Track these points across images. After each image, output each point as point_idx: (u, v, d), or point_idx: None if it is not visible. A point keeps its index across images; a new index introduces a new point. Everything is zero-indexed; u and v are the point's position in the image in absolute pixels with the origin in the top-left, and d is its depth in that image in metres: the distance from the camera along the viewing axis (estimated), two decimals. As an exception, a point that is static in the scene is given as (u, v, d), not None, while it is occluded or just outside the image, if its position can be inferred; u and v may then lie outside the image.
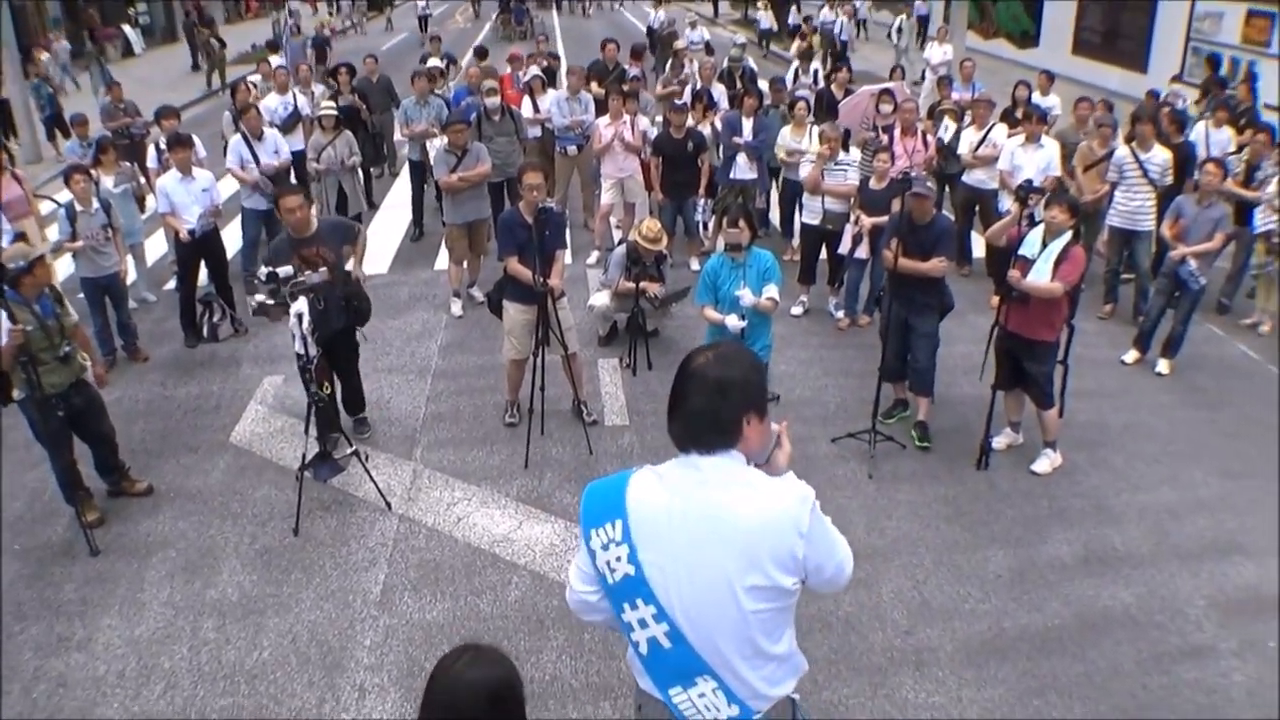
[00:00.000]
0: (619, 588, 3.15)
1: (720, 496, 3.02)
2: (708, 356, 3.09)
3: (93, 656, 6.32)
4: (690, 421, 3.06)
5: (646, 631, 3.15)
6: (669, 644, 3.13)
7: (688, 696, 3.17)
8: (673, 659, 3.14)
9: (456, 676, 2.77)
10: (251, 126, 11.97)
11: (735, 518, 3.00)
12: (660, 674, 3.21)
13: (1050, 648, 6.25)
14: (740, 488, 3.03)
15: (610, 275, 10.25)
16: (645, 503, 3.11)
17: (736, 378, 3.03)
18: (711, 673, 3.13)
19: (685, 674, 3.15)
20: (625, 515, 3.13)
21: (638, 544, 3.10)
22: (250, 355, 10.45)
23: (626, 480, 3.18)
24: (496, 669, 2.83)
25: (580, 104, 13.37)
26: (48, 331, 7.17)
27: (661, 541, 3.07)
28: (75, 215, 9.76)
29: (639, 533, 3.10)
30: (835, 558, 3.16)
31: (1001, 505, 7.73)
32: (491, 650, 2.86)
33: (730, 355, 3.12)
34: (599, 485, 3.27)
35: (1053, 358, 7.89)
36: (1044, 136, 11.19)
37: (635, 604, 3.14)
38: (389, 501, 7.78)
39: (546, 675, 6.02)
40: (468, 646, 2.86)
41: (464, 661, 2.80)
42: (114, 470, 7.99)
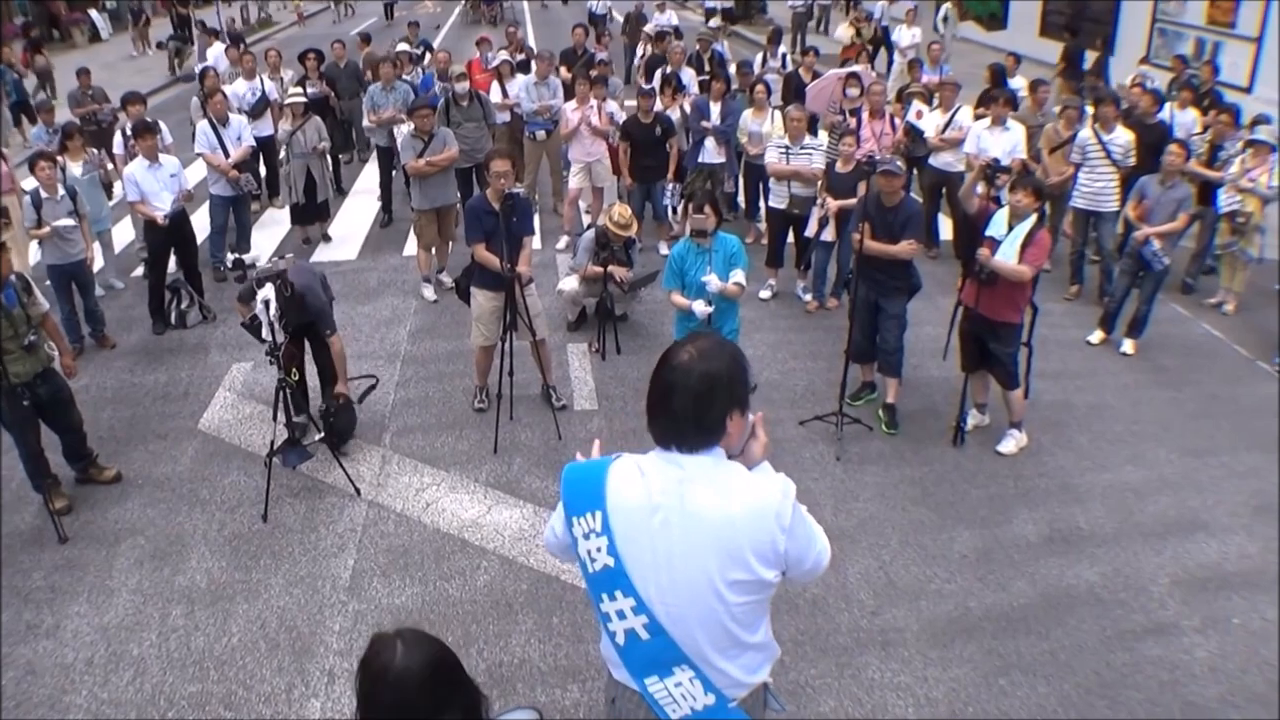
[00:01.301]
0: (598, 578, 3.14)
1: (702, 493, 3.01)
2: (690, 353, 3.02)
3: (61, 644, 6.30)
4: (675, 422, 3.03)
5: (625, 623, 3.14)
6: (647, 635, 3.12)
7: (664, 686, 3.18)
8: (650, 650, 3.15)
9: (395, 671, 2.65)
10: (217, 111, 11.90)
11: (717, 514, 3.00)
12: (637, 664, 3.20)
13: (1015, 627, 6.32)
14: (722, 484, 3.04)
15: (579, 260, 10.25)
16: (625, 497, 3.09)
17: (721, 376, 2.99)
18: (689, 662, 3.13)
19: (663, 664, 3.16)
20: (604, 508, 3.11)
21: (617, 537, 3.09)
22: (219, 342, 10.40)
23: (606, 470, 3.16)
24: (429, 649, 2.72)
25: (549, 89, 13.33)
26: (11, 320, 7.12)
27: (642, 536, 3.06)
28: (41, 202, 9.70)
29: (618, 526, 3.09)
30: (814, 549, 3.17)
31: (967, 486, 7.80)
32: (414, 633, 2.75)
33: (712, 351, 3.04)
34: (578, 471, 3.24)
35: (1017, 339, 7.95)
36: (1009, 119, 11.24)
37: (614, 595, 3.13)
38: (358, 487, 7.77)
39: (515, 659, 6.04)
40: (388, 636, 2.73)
41: (396, 653, 2.67)
42: (82, 458, 7.96)
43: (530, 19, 38.11)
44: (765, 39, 17.58)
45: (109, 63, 29.13)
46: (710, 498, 3.01)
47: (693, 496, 3.01)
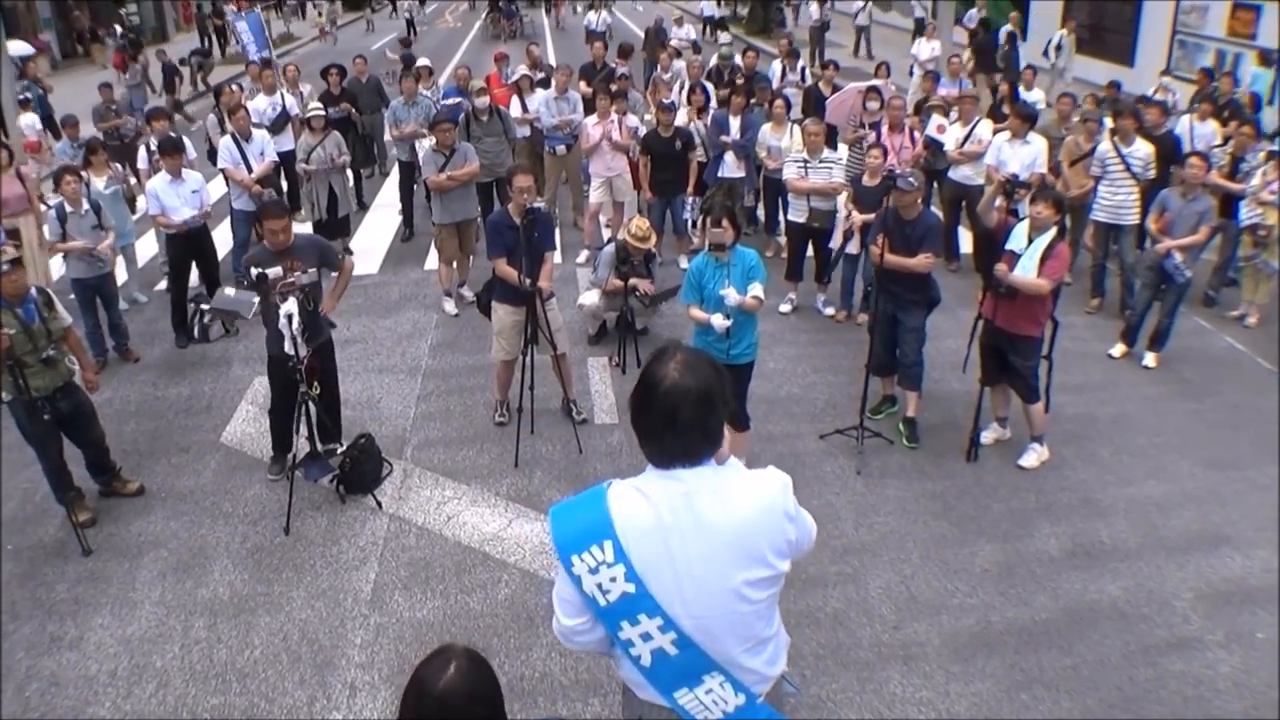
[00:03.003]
0: (616, 608, 3.09)
1: (710, 504, 3.02)
2: (677, 371, 2.99)
3: (85, 656, 6.34)
4: (683, 439, 3.01)
5: (651, 644, 3.12)
6: (676, 651, 3.11)
7: (694, 696, 3.18)
8: (679, 664, 3.14)
9: (441, 689, 2.68)
10: (240, 128, 11.98)
11: (732, 520, 3.03)
12: (665, 681, 3.19)
13: (1037, 641, 6.29)
14: (726, 490, 3.06)
15: (600, 274, 10.28)
16: (635, 520, 3.05)
17: (715, 384, 3.01)
18: (719, 668, 3.15)
19: (692, 675, 3.16)
20: (615, 536, 3.06)
21: (635, 562, 3.04)
22: (241, 355, 10.46)
23: (604, 500, 3.11)
24: (479, 677, 2.76)
25: (568, 103, 13.38)
26: (31, 335, 7.19)
27: (659, 557, 3.04)
28: (66, 216, 9.79)
29: (634, 551, 3.04)
30: (809, 530, 3.30)
31: (989, 500, 7.77)
32: (471, 657, 2.78)
33: (695, 362, 3.03)
34: (569, 509, 3.18)
35: (1038, 352, 7.93)
36: (1030, 132, 11.22)
37: (637, 620, 3.09)
38: (379, 501, 7.80)
39: (536, 673, 6.05)
40: (445, 655, 2.77)
41: (447, 673, 2.70)
42: (106, 471, 8.01)
43: (549, 36, 38.22)
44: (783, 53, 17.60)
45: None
46: (721, 506, 3.03)
47: (704, 509, 3.03)
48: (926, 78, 15.81)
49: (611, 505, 3.08)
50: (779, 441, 8.48)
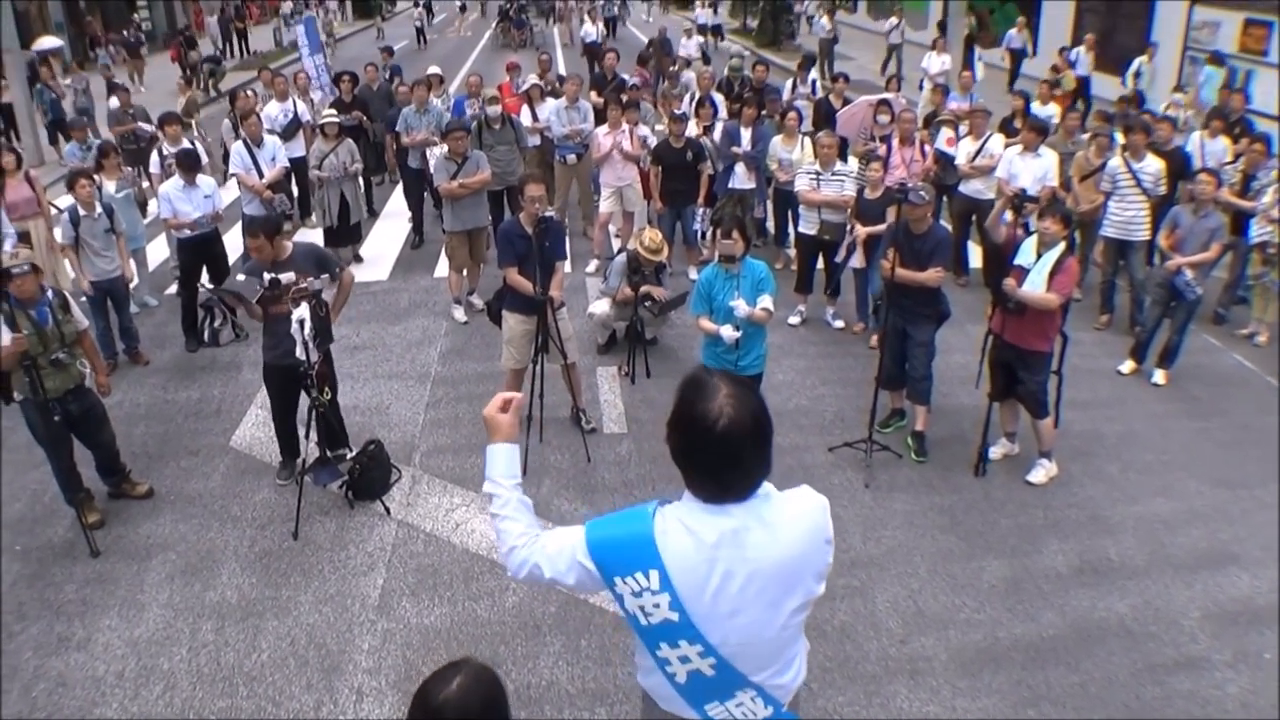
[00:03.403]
0: (657, 629, 3.09)
1: (760, 539, 3.00)
2: (728, 404, 2.88)
3: (92, 657, 6.36)
4: (746, 478, 2.98)
5: (689, 665, 3.14)
6: (713, 673, 3.14)
7: (725, 709, 3.21)
8: (715, 682, 3.16)
9: (451, 703, 2.71)
10: (252, 133, 12.05)
11: (779, 555, 3.02)
12: (697, 696, 3.22)
13: (1045, 658, 6.28)
14: (773, 522, 3.03)
15: (611, 284, 10.30)
16: (683, 555, 3.01)
17: (763, 412, 2.93)
18: (752, 684, 3.17)
19: (725, 691, 3.18)
20: (662, 566, 3.03)
21: (681, 593, 3.02)
22: (251, 360, 10.47)
23: (650, 528, 3.06)
24: (488, 692, 2.78)
25: (579, 113, 13.43)
26: (43, 337, 7.23)
27: (704, 592, 3.02)
28: (79, 220, 9.83)
29: (681, 583, 3.02)
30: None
31: (997, 515, 7.77)
32: (479, 671, 2.80)
33: (741, 393, 2.93)
34: (610, 529, 3.14)
35: (1047, 368, 7.92)
36: (1042, 146, 11.23)
37: (677, 644, 3.10)
38: (388, 507, 7.83)
39: (543, 681, 6.05)
40: (453, 667, 2.80)
41: (452, 686, 2.73)
42: (115, 473, 8.04)
43: (559, 48, 38.30)
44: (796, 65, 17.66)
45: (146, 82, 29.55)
46: (767, 540, 3.01)
47: (753, 544, 3.00)
48: (936, 91, 15.82)
49: (658, 538, 3.03)
50: (787, 454, 8.47)
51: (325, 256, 8.13)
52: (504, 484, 3.27)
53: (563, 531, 3.21)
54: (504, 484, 3.27)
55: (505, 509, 3.26)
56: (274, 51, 38.32)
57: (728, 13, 48.18)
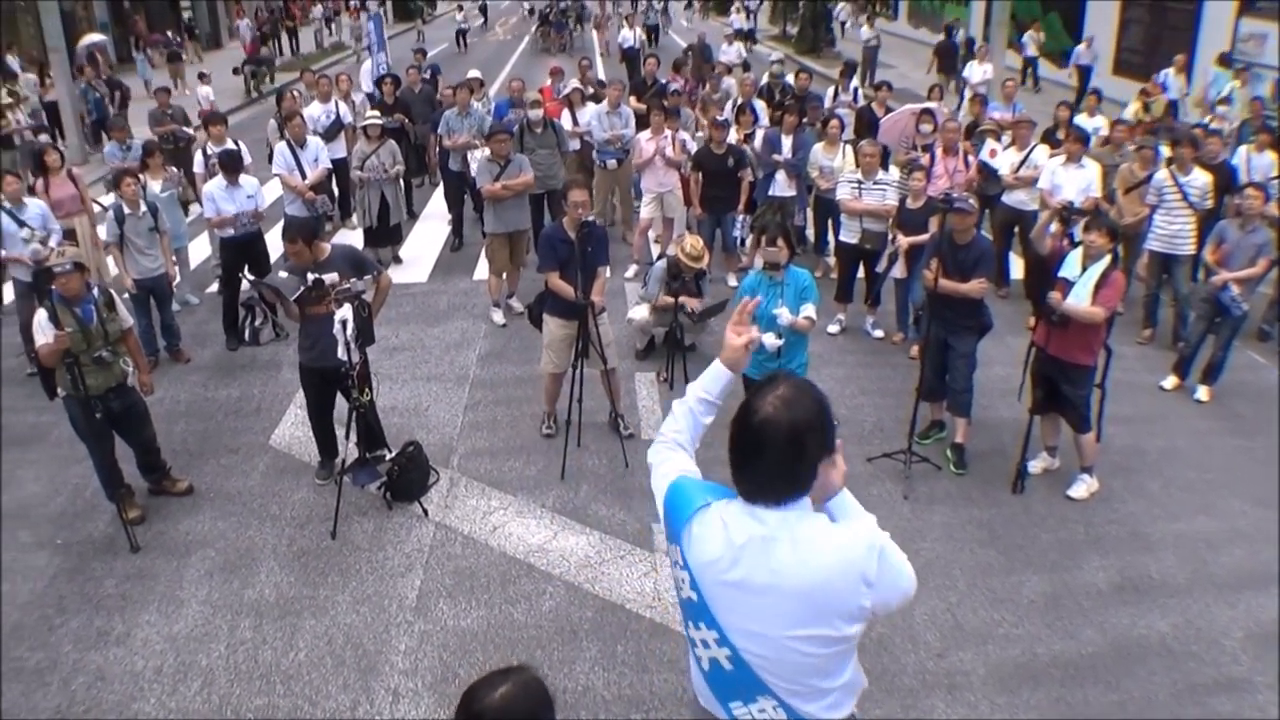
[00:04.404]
0: (684, 605, 3.20)
1: (785, 555, 2.94)
2: (775, 404, 2.90)
3: (131, 652, 6.42)
4: (765, 477, 2.97)
5: (709, 652, 3.16)
6: (731, 666, 3.13)
7: (749, 711, 3.19)
8: (734, 679, 3.16)
9: (483, 709, 2.73)
10: (296, 134, 12.12)
11: (801, 576, 2.93)
12: (722, 690, 3.23)
13: (1084, 675, 6.21)
14: (806, 543, 2.96)
15: (650, 290, 10.29)
16: (704, 549, 3.06)
17: (810, 423, 2.89)
18: (773, 694, 3.13)
19: (746, 692, 3.16)
20: (683, 547, 3.12)
21: (697, 578, 3.08)
22: (290, 359, 10.53)
23: (697, 510, 3.12)
24: (533, 702, 2.79)
25: (620, 118, 13.43)
26: (87, 335, 7.30)
27: (722, 587, 3.04)
28: (124, 218, 9.93)
29: (697, 569, 3.08)
30: (900, 590, 3.07)
31: (1036, 530, 7.70)
32: (526, 679, 2.81)
33: (797, 398, 2.92)
34: (676, 502, 3.21)
35: (1090, 381, 7.85)
36: (1085, 157, 11.14)
37: (698, 625, 3.15)
38: (425, 509, 7.84)
39: (579, 686, 6.05)
40: (501, 675, 2.80)
41: (497, 693, 2.74)
42: (156, 470, 8.11)
43: (598, 55, 38.37)
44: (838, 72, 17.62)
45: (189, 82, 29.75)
46: (794, 558, 2.94)
47: (779, 557, 2.95)
48: (975, 100, 15.70)
49: (694, 522, 3.11)
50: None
51: (363, 259, 8.16)
52: (695, 391, 3.50)
53: (678, 462, 3.39)
54: (695, 391, 3.50)
55: (678, 409, 3.52)
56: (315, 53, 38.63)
57: (767, 19, 48.13)
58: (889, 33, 34.66)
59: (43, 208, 10.24)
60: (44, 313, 7.16)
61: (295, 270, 7.64)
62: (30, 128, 18.18)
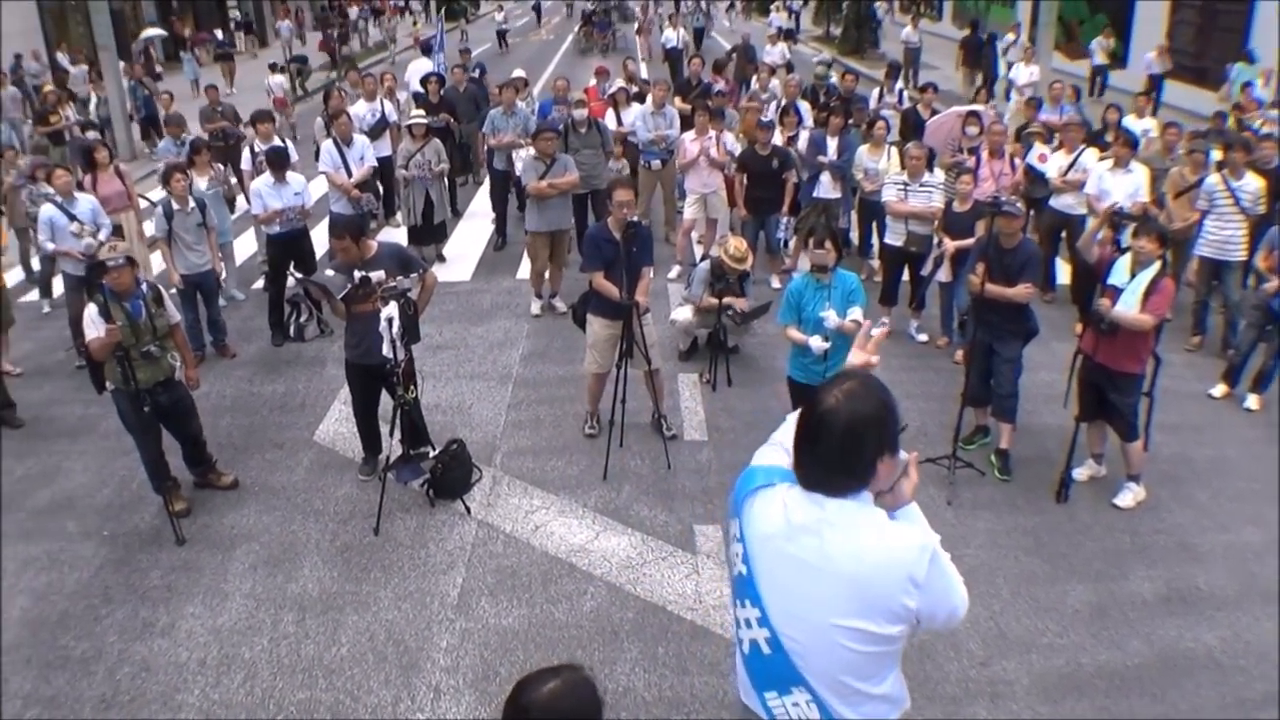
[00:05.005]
0: (736, 582, 3.25)
1: (839, 540, 2.98)
2: (838, 396, 2.96)
3: (176, 643, 6.48)
4: (822, 466, 3.01)
5: (751, 632, 3.21)
6: (769, 650, 3.17)
7: (782, 703, 3.21)
8: (771, 665, 3.18)
9: (538, 707, 2.72)
10: (342, 132, 12.21)
11: (850, 563, 2.96)
12: (758, 677, 3.26)
13: (1129, 687, 6.13)
14: (861, 533, 2.99)
15: (694, 291, 10.27)
16: (762, 522, 3.13)
17: (870, 419, 2.94)
18: (808, 686, 3.14)
19: (782, 681, 3.19)
20: (741, 521, 3.19)
21: (751, 551, 3.15)
22: (335, 356, 10.59)
23: (752, 489, 3.21)
24: (579, 699, 2.76)
25: (665, 118, 13.42)
26: (135, 330, 7.38)
27: (773, 562, 3.10)
28: (172, 213, 10.03)
29: (752, 543, 3.15)
30: (948, 605, 3.09)
31: (1082, 538, 7.62)
32: (575, 676, 2.80)
33: (861, 393, 2.97)
34: (746, 475, 3.29)
35: (1138, 389, 7.75)
36: (1133, 162, 11.01)
37: (744, 603, 3.21)
38: (468, 506, 7.87)
39: (620, 687, 6.04)
40: (552, 673, 2.80)
41: (543, 690, 2.73)
42: (202, 463, 8.19)
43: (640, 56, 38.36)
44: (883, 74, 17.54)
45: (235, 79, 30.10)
46: (846, 546, 2.97)
47: (830, 540, 2.99)
48: (1029, 104, 15.52)
49: (755, 499, 3.18)
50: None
51: (409, 257, 8.18)
52: None
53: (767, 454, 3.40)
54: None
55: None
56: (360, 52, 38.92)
57: (810, 20, 48.01)
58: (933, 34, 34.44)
59: (93, 203, 10.38)
60: (94, 307, 7.24)
61: (342, 268, 7.69)
62: (78, 124, 18.43)
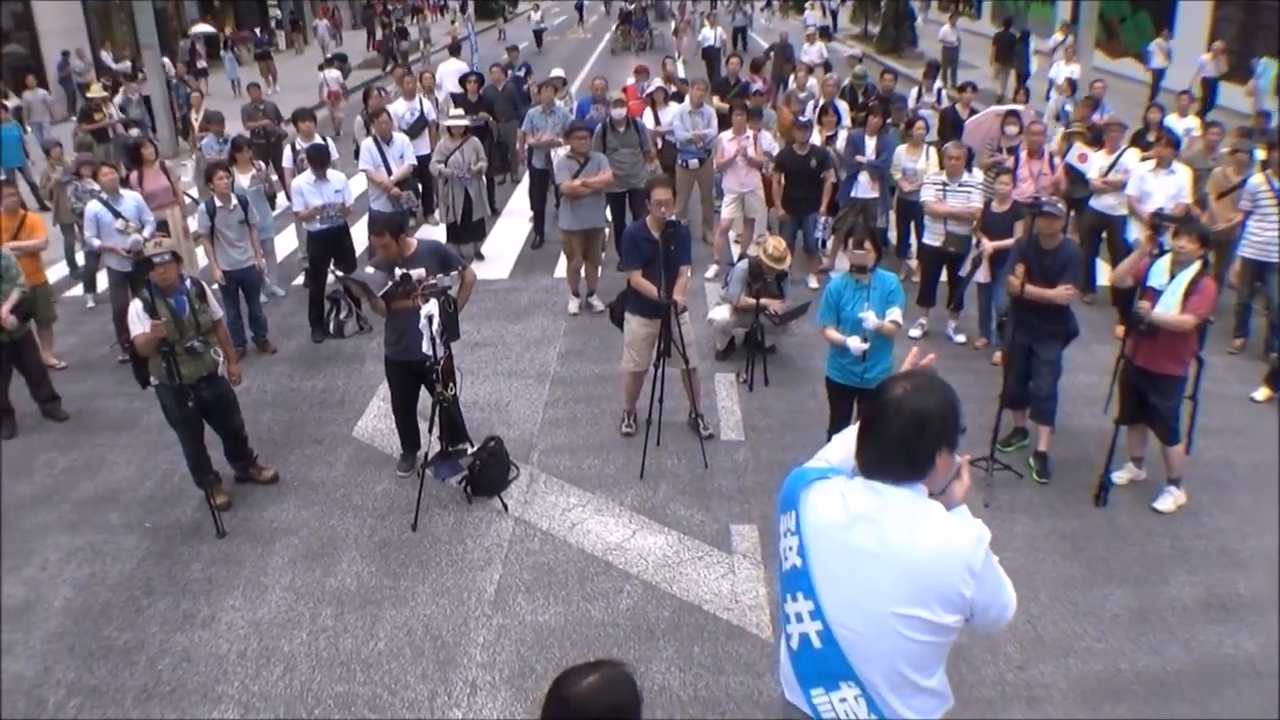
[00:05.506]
0: (787, 576, 3.27)
1: (897, 528, 3.04)
2: (904, 387, 3.08)
3: (216, 635, 6.56)
4: (884, 453, 3.07)
5: (801, 626, 3.23)
6: (820, 644, 3.19)
7: (829, 700, 3.22)
8: (820, 659, 3.20)
9: (577, 699, 2.74)
10: (383, 131, 12.28)
11: (908, 550, 3.02)
12: (806, 672, 3.27)
13: (1168, 693, 6.08)
14: (919, 521, 3.05)
15: (731, 290, 10.27)
16: (820, 511, 3.18)
17: (933, 411, 3.03)
18: (857, 680, 3.16)
19: (830, 676, 3.20)
20: (798, 511, 3.23)
21: (807, 542, 3.19)
22: (374, 352, 10.67)
23: (809, 480, 3.27)
24: (618, 693, 2.79)
25: (703, 117, 13.41)
26: (179, 325, 7.47)
27: (830, 551, 3.15)
28: (215, 210, 10.13)
29: (809, 533, 3.19)
30: (1001, 599, 3.16)
31: (1121, 542, 7.55)
32: (614, 671, 2.82)
33: (926, 387, 3.08)
34: (797, 473, 3.36)
35: (1180, 392, 7.67)
36: (1175, 162, 10.90)
37: (796, 596, 3.23)
38: (505, 503, 7.91)
39: (655, 686, 6.05)
40: (591, 667, 2.82)
41: (580, 686, 2.76)
42: (243, 458, 8.28)
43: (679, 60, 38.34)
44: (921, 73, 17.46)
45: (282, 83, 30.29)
46: (905, 534, 3.03)
47: (888, 528, 3.04)
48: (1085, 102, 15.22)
49: (811, 490, 3.24)
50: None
51: (449, 254, 8.21)
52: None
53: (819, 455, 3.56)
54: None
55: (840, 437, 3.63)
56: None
57: (848, 18, 47.82)
58: (972, 32, 34.20)
59: (138, 199, 10.51)
60: (139, 303, 7.34)
61: (382, 265, 7.74)
62: (122, 121, 18.63)
